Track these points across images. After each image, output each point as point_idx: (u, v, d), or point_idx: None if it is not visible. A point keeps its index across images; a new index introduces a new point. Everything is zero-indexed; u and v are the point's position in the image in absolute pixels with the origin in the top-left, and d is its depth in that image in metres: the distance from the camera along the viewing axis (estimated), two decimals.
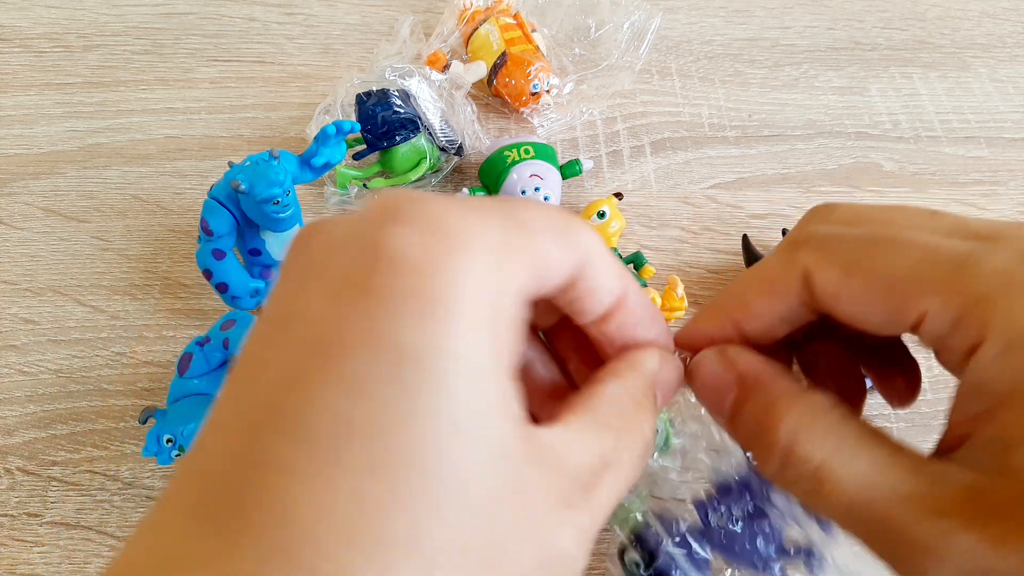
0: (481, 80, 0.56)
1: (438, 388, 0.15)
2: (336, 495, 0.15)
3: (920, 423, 0.43)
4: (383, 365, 0.15)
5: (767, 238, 0.50)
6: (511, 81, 0.55)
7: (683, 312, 0.45)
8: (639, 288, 0.23)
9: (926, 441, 0.43)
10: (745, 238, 0.48)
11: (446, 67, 0.56)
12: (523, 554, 0.16)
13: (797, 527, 0.26)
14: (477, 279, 0.16)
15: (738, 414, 0.24)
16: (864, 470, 0.20)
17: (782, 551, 0.27)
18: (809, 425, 0.21)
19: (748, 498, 0.27)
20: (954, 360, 0.22)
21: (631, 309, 0.22)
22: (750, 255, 0.48)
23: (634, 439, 0.20)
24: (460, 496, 0.15)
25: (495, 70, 0.55)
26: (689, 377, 0.25)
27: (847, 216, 0.24)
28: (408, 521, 0.15)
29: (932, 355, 0.23)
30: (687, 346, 0.26)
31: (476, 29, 0.57)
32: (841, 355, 0.28)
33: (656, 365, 0.23)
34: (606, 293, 0.21)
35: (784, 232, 0.49)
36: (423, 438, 0.15)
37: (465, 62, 0.57)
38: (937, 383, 0.43)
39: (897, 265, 0.22)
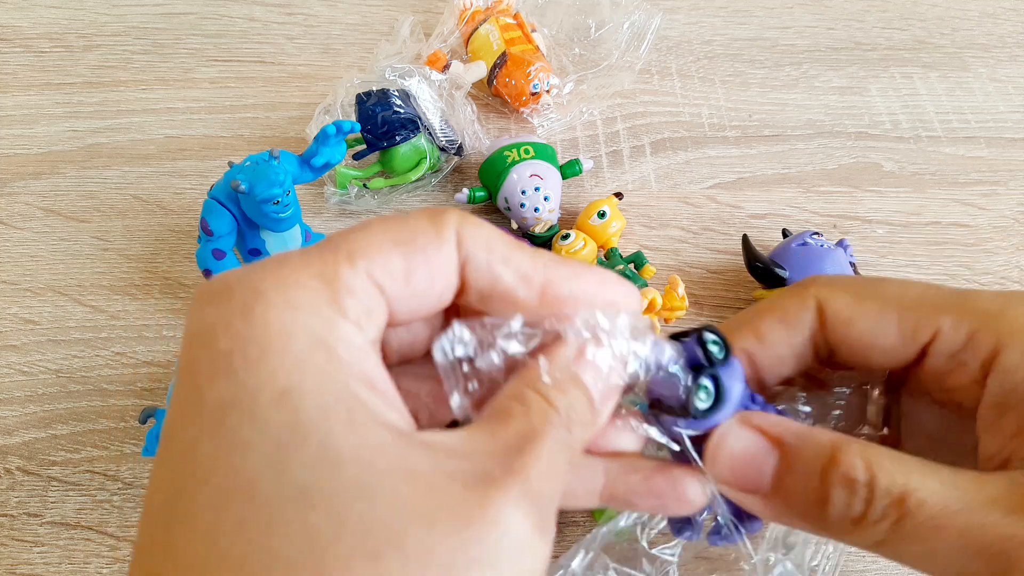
0: (481, 80, 0.56)
1: (256, 421, 0.16)
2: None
3: None
4: (202, 423, 0.17)
5: (767, 238, 0.50)
6: (511, 81, 0.55)
7: (683, 312, 0.45)
8: (552, 259, 0.21)
9: None
10: (745, 238, 0.48)
11: (446, 67, 0.56)
12: (445, 539, 0.16)
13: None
14: (289, 321, 0.17)
15: (786, 479, 0.22)
16: (939, 488, 0.20)
17: None
18: (877, 459, 0.20)
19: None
20: (969, 375, 0.23)
21: (555, 284, 0.21)
22: (750, 255, 0.48)
23: (546, 411, 0.19)
24: (317, 505, 0.15)
25: (495, 70, 0.55)
26: (711, 461, 0.22)
27: (847, 278, 0.25)
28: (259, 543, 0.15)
29: None
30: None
31: (476, 29, 0.57)
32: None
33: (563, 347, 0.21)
34: (510, 285, 0.20)
35: (784, 232, 0.49)
36: (236, 469, 0.16)
37: (465, 62, 0.57)
38: None
39: (906, 293, 0.24)
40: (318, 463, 0.16)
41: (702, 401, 0.22)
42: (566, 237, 0.47)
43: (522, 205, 0.47)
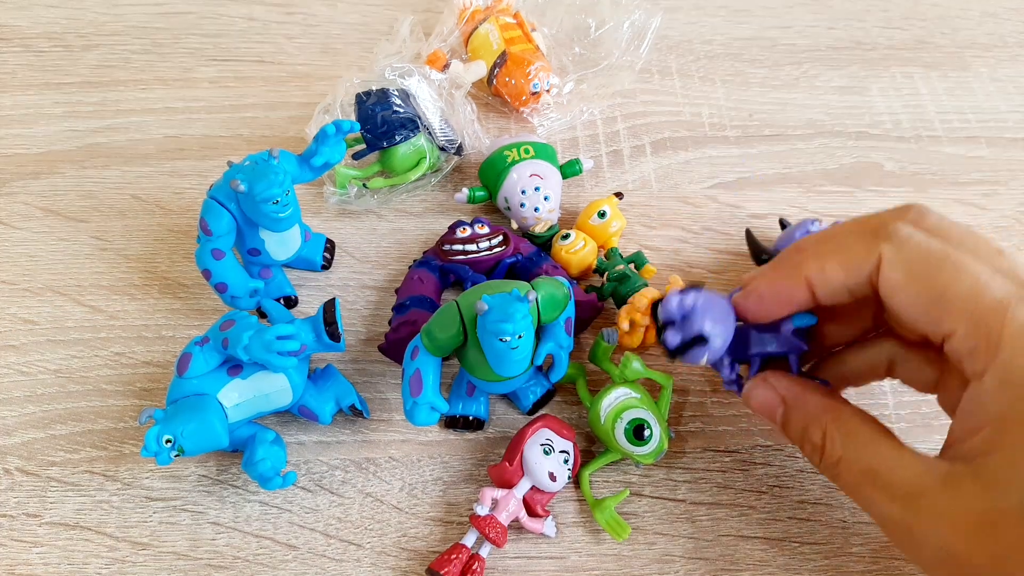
0: (481, 80, 0.56)
1: None
2: None
3: (921, 423, 0.43)
4: None
5: (768, 238, 0.49)
6: (511, 80, 0.55)
7: None
8: None
9: (927, 440, 0.43)
10: (749, 232, 0.48)
11: (446, 66, 0.56)
12: None
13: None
14: None
15: (787, 424, 0.34)
16: (894, 464, 0.30)
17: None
18: (831, 433, 0.32)
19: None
20: (960, 380, 0.29)
21: None
22: (756, 248, 0.48)
23: None
24: None
25: (495, 69, 0.55)
26: (746, 402, 0.36)
27: (932, 225, 0.30)
28: None
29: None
30: (760, 294, 0.33)
31: (476, 28, 0.57)
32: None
33: None
34: None
35: (781, 222, 0.49)
36: None
37: (465, 61, 0.57)
38: None
39: (950, 285, 0.28)
40: None
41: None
42: (566, 237, 0.47)
43: (522, 205, 0.47)
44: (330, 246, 0.49)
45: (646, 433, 0.38)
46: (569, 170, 0.51)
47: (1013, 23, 0.64)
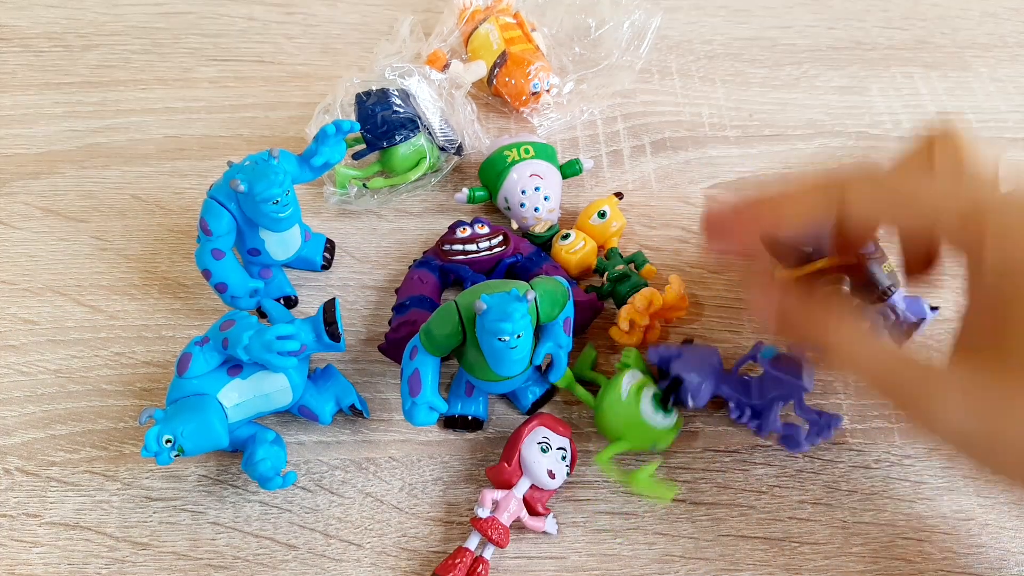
0: (481, 80, 0.56)
1: None
2: None
3: None
4: None
5: None
6: (511, 81, 0.55)
7: (684, 312, 0.45)
8: None
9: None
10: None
11: (446, 66, 0.56)
12: None
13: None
14: None
15: (781, 321, 0.34)
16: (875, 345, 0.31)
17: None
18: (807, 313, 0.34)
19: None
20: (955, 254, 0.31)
21: None
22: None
23: None
24: None
25: (495, 69, 0.55)
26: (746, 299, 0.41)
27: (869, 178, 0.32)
28: None
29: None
30: (724, 227, 0.35)
31: (476, 28, 0.57)
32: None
33: None
34: None
35: None
36: None
37: (465, 62, 0.57)
38: None
39: (930, 200, 0.30)
40: None
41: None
42: (566, 237, 0.47)
43: (522, 205, 0.47)
44: (330, 246, 0.49)
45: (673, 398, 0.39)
46: (569, 170, 0.51)
47: (1013, 23, 0.64)
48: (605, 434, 0.41)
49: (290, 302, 0.47)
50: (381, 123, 0.49)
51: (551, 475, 0.38)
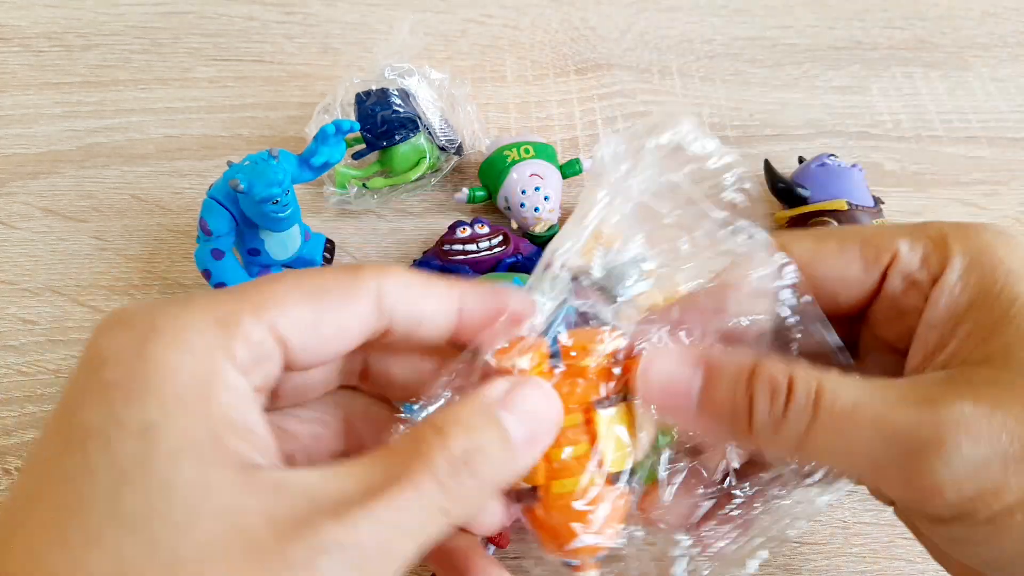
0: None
1: (110, 450, 0.17)
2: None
3: None
4: (64, 444, 0.18)
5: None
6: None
7: None
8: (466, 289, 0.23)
9: None
10: (767, 162, 0.51)
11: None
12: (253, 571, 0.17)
13: None
14: (176, 361, 0.18)
15: (711, 393, 0.23)
16: (851, 385, 0.22)
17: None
18: (794, 366, 0.22)
19: None
20: (920, 295, 0.24)
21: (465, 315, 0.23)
22: (773, 176, 0.50)
23: (431, 454, 0.19)
24: (136, 532, 0.17)
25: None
26: (642, 385, 0.24)
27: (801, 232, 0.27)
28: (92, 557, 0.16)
29: None
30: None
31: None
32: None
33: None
34: (432, 326, 0.23)
35: (800, 158, 0.51)
36: (93, 487, 0.17)
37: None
38: None
39: (864, 229, 0.27)
40: (152, 496, 0.17)
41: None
42: None
43: (522, 205, 0.47)
44: (330, 246, 0.49)
45: None
46: (569, 170, 0.51)
47: (1013, 23, 0.64)
48: None
49: None
50: (381, 123, 0.49)
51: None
